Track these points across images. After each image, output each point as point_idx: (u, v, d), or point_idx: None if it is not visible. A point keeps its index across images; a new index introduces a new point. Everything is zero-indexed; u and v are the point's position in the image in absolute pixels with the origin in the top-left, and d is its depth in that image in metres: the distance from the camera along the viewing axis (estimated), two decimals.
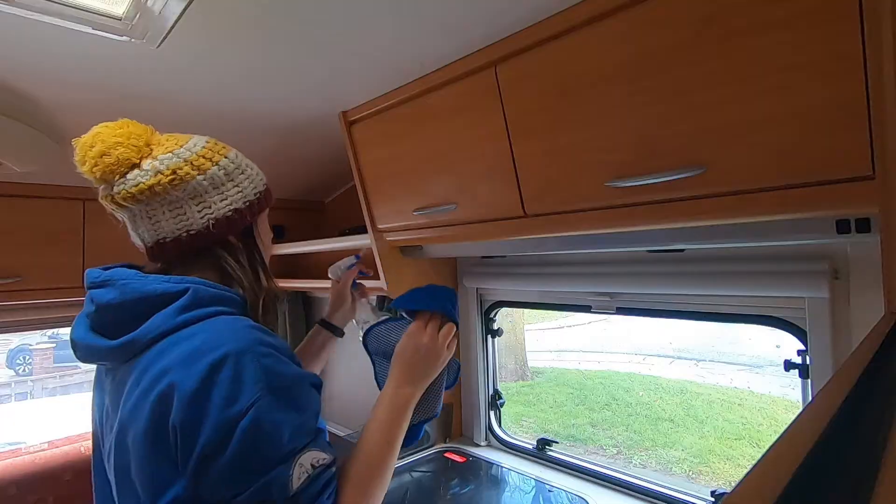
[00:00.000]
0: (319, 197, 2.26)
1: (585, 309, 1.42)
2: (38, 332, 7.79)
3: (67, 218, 1.59)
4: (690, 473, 3.97)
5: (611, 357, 6.51)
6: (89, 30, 0.84)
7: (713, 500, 1.17)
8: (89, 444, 1.79)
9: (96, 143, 0.65)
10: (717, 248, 1.11)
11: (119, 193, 0.66)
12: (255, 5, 0.82)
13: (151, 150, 0.68)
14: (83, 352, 0.66)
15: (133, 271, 0.68)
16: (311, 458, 0.58)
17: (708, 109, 0.76)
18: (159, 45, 0.91)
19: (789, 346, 1.06)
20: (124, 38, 0.87)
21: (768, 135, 0.71)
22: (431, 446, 1.70)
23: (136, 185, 0.66)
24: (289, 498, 0.55)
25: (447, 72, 1.09)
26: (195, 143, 0.71)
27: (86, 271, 0.68)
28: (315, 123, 1.43)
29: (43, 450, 1.73)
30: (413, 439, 0.83)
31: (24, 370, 8.21)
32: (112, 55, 0.95)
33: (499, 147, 1.05)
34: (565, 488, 1.37)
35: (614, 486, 1.36)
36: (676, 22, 0.76)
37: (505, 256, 1.57)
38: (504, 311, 1.75)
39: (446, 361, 0.83)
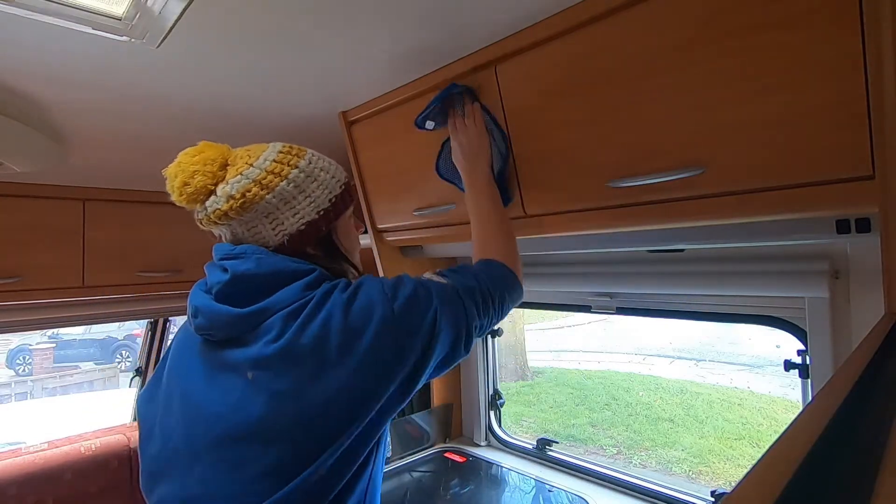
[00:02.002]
0: None
1: (585, 309, 1.42)
2: (38, 332, 7.80)
3: (67, 218, 1.59)
4: (690, 473, 3.97)
5: (611, 357, 6.52)
6: (89, 30, 0.84)
7: (713, 500, 1.17)
8: (89, 444, 1.79)
9: (179, 174, 0.71)
10: (717, 248, 1.11)
11: (203, 219, 0.73)
12: (255, 5, 0.82)
13: (226, 172, 0.72)
14: (206, 318, 0.68)
15: (263, 249, 0.71)
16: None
17: (708, 109, 0.76)
18: (159, 45, 0.91)
19: (789, 346, 1.06)
20: (124, 38, 0.87)
21: (768, 135, 0.71)
22: (431, 446, 1.70)
23: (214, 211, 0.70)
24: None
25: (447, 72, 1.08)
26: (265, 159, 0.73)
27: (215, 246, 0.74)
28: (315, 123, 1.43)
29: (43, 450, 1.73)
30: (506, 196, 1.02)
31: (24, 370, 8.21)
32: (112, 55, 0.95)
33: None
34: (565, 488, 1.37)
35: (614, 486, 1.36)
36: (676, 22, 0.76)
37: None
38: None
39: (483, 133, 1.00)
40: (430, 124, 1.07)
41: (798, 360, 1.04)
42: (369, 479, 0.70)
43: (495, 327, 1.72)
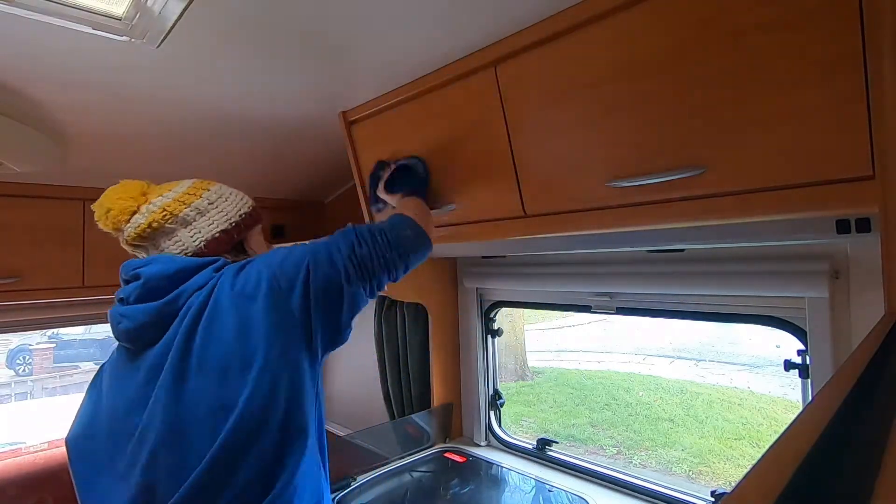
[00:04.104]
0: (319, 197, 2.26)
1: (585, 309, 1.42)
2: (38, 332, 7.79)
3: (67, 218, 1.59)
4: (690, 473, 3.97)
5: (611, 357, 6.51)
6: (89, 30, 0.84)
7: (713, 500, 1.17)
8: None
9: (104, 203, 0.82)
10: (717, 248, 1.11)
11: (128, 235, 0.82)
12: (256, 5, 0.83)
13: (147, 198, 0.84)
14: (131, 319, 0.76)
15: (170, 255, 0.82)
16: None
17: (708, 109, 0.76)
18: (159, 45, 0.91)
19: (789, 346, 1.06)
20: (124, 38, 0.87)
21: (768, 135, 0.71)
22: (431, 446, 1.70)
23: (138, 226, 0.82)
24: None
25: (447, 72, 1.08)
26: (182, 186, 0.87)
27: (123, 265, 0.82)
28: (315, 123, 1.43)
29: (43, 450, 1.73)
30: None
31: (24, 370, 8.20)
32: (112, 55, 0.95)
33: (499, 147, 1.05)
34: (565, 488, 1.37)
35: (614, 486, 1.36)
36: (676, 22, 0.76)
37: (505, 256, 1.57)
38: (504, 311, 1.75)
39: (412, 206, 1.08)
40: (379, 205, 1.29)
41: (798, 360, 1.04)
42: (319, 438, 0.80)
43: (495, 327, 1.72)
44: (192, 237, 0.84)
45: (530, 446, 1.60)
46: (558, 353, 7.08)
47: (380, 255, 0.86)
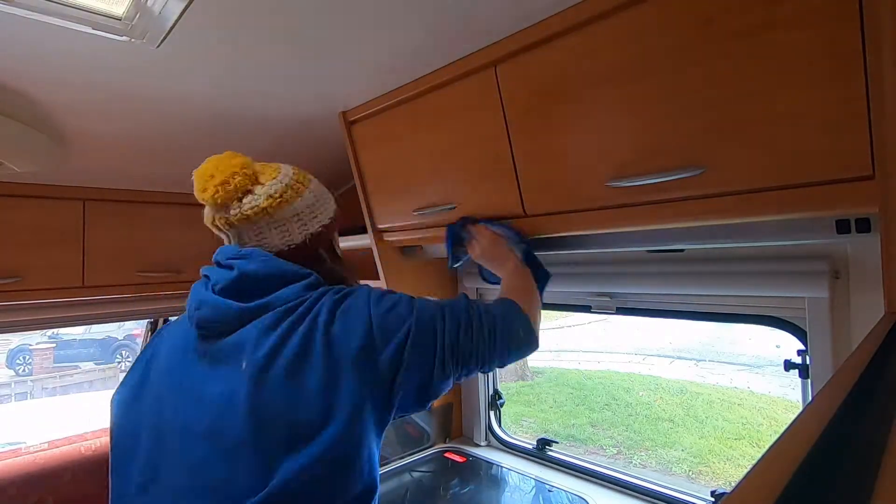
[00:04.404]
0: None
1: (585, 309, 1.42)
2: (38, 332, 7.79)
3: (67, 218, 1.59)
4: (690, 473, 3.97)
5: (611, 357, 6.51)
6: (89, 30, 0.84)
7: (713, 500, 1.17)
8: (89, 444, 1.79)
9: (216, 174, 0.76)
10: (717, 248, 1.11)
11: (235, 216, 0.77)
12: (255, 5, 0.82)
13: (258, 177, 0.79)
14: (211, 310, 0.72)
15: (268, 253, 0.78)
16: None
17: (708, 109, 0.76)
18: (159, 45, 0.91)
19: (789, 346, 1.06)
20: (124, 38, 0.87)
21: (768, 135, 0.71)
22: (431, 446, 1.70)
23: (252, 208, 0.77)
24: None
25: (447, 72, 1.09)
26: (287, 171, 0.83)
27: (221, 248, 0.79)
28: (315, 123, 1.43)
29: (43, 450, 1.73)
30: (542, 271, 1.04)
31: (23, 370, 8.20)
32: (112, 55, 0.95)
33: (499, 147, 1.05)
34: (565, 488, 1.37)
35: (614, 486, 1.36)
36: (676, 22, 0.76)
37: None
38: None
39: (494, 238, 1.08)
40: (460, 261, 1.19)
41: (798, 360, 1.03)
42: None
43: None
44: (300, 229, 0.80)
45: (530, 446, 1.60)
46: (558, 353, 7.08)
47: (482, 351, 0.78)
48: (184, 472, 0.67)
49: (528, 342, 0.86)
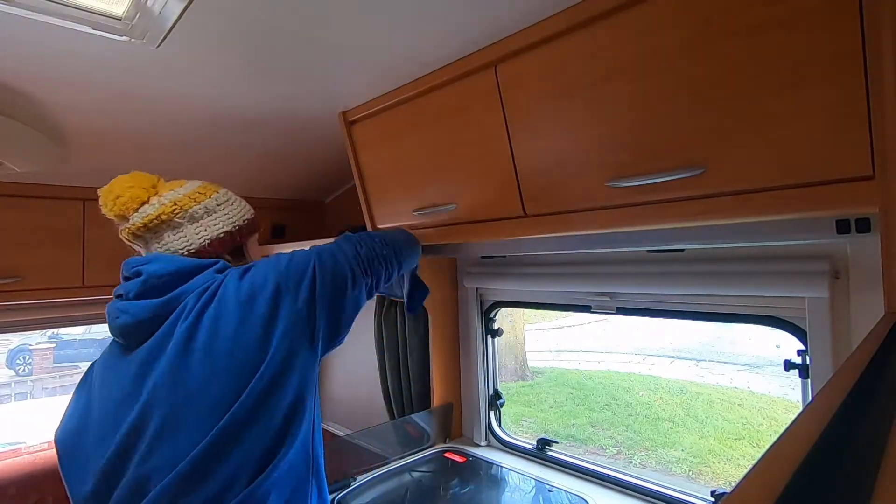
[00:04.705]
0: (319, 196, 2.26)
1: (585, 309, 1.42)
2: (38, 332, 7.78)
3: (67, 218, 1.59)
4: (690, 473, 3.97)
5: (611, 357, 6.51)
6: (89, 30, 0.84)
7: (713, 500, 1.17)
8: None
9: (114, 189, 0.84)
10: (717, 248, 1.11)
11: (134, 225, 0.84)
12: (255, 5, 0.82)
13: (157, 191, 0.86)
14: (130, 315, 0.77)
15: (168, 255, 0.84)
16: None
17: (708, 109, 0.76)
18: (159, 45, 0.91)
19: (789, 346, 1.06)
20: (124, 38, 0.87)
21: (768, 135, 0.71)
22: (431, 446, 1.70)
23: (146, 216, 0.84)
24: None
25: (447, 72, 1.08)
26: (191, 184, 0.90)
27: (124, 262, 0.83)
28: (315, 123, 1.43)
29: (43, 450, 1.73)
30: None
31: (23, 370, 8.20)
32: (112, 55, 0.95)
33: (499, 147, 1.05)
34: (565, 488, 1.37)
35: (614, 486, 1.36)
36: (676, 22, 0.76)
37: (505, 256, 1.57)
38: (504, 311, 1.75)
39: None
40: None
41: (798, 360, 1.03)
42: (311, 434, 0.81)
43: (495, 327, 1.72)
44: (197, 234, 0.87)
45: (530, 446, 1.60)
46: (558, 353, 7.08)
47: (378, 253, 0.96)
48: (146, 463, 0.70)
49: (413, 240, 1.14)
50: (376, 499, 1.41)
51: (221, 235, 0.89)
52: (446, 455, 1.65)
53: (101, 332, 8.67)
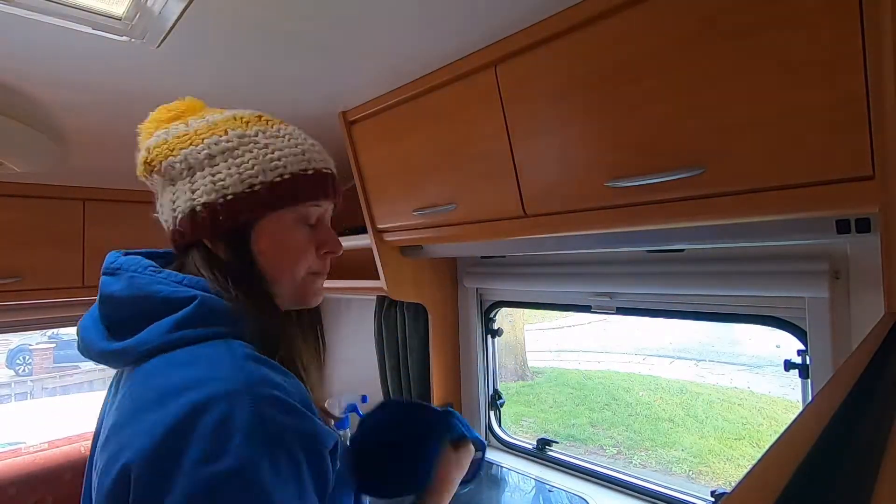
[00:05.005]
0: None
1: (585, 309, 1.42)
2: (38, 332, 7.79)
3: (67, 218, 1.59)
4: (690, 473, 3.97)
5: (611, 357, 6.51)
6: (89, 30, 0.84)
7: (713, 500, 1.17)
8: (89, 444, 1.79)
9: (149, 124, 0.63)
10: (717, 248, 1.11)
11: (146, 158, 0.61)
12: (255, 5, 0.82)
13: (180, 121, 0.63)
14: (82, 346, 0.57)
15: (148, 262, 0.57)
16: None
17: (708, 109, 0.75)
18: (159, 45, 0.91)
19: (789, 346, 1.06)
20: (124, 38, 0.87)
21: (768, 135, 0.71)
22: None
23: (138, 164, 0.62)
24: None
25: (447, 72, 1.08)
26: (225, 113, 0.63)
27: (108, 253, 0.61)
28: (315, 123, 1.43)
29: (43, 450, 1.73)
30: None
31: (23, 370, 8.21)
32: (112, 55, 0.95)
33: (499, 147, 1.05)
34: (565, 488, 1.37)
35: (614, 486, 1.35)
36: (676, 22, 0.76)
37: (505, 256, 1.57)
38: (504, 311, 1.75)
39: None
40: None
41: (798, 360, 1.03)
42: None
43: (495, 327, 1.72)
44: (173, 203, 0.59)
45: (530, 446, 1.60)
46: (558, 353, 7.07)
47: None
48: None
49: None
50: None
51: (200, 209, 0.56)
52: None
53: None
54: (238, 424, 0.42)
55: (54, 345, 8.42)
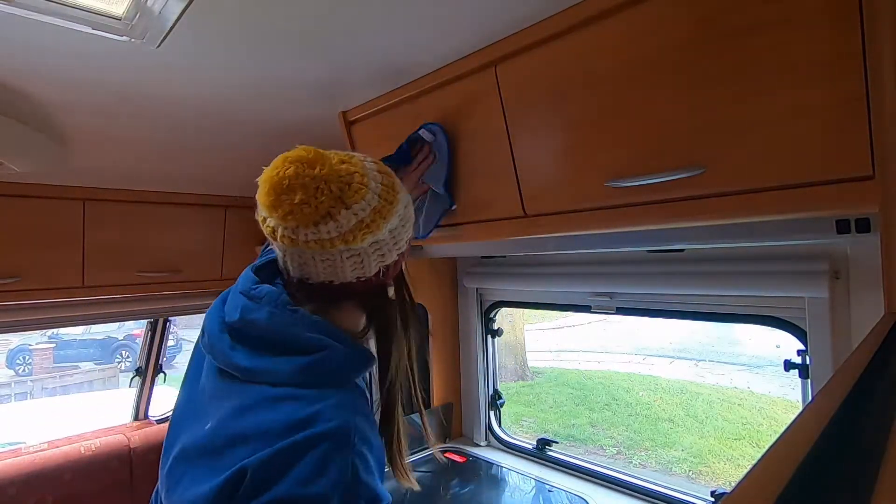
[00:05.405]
0: None
1: (585, 309, 1.42)
2: (38, 332, 7.79)
3: (67, 218, 1.59)
4: (690, 473, 3.97)
5: (611, 357, 6.52)
6: (89, 30, 0.84)
7: (713, 500, 1.17)
8: (89, 444, 1.79)
9: (297, 190, 0.59)
10: (717, 248, 1.11)
11: (308, 242, 0.61)
12: (255, 5, 0.82)
13: (343, 195, 0.61)
14: (208, 346, 0.67)
15: (285, 298, 0.64)
16: None
17: (708, 109, 0.75)
18: (159, 45, 0.91)
19: (789, 346, 1.06)
20: (124, 38, 0.87)
21: (768, 135, 0.71)
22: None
23: (330, 238, 0.61)
24: None
25: (447, 72, 1.08)
26: (374, 182, 0.63)
27: (245, 271, 0.69)
28: (315, 123, 1.43)
29: (43, 450, 1.73)
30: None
31: (23, 370, 8.19)
32: (112, 55, 0.95)
33: (499, 147, 1.05)
34: (565, 488, 1.37)
35: (614, 486, 1.36)
36: (676, 22, 0.76)
37: (505, 256, 1.57)
38: (504, 311, 1.75)
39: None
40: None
41: (798, 360, 1.04)
42: None
43: (495, 327, 1.72)
44: (375, 262, 0.65)
45: (530, 446, 1.60)
46: (558, 353, 7.08)
47: None
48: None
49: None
50: None
51: (396, 258, 0.68)
52: (446, 455, 1.64)
53: (101, 332, 8.68)
54: (334, 466, 0.55)
55: (54, 345, 8.41)
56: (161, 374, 2.16)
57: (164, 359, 2.17)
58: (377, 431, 0.64)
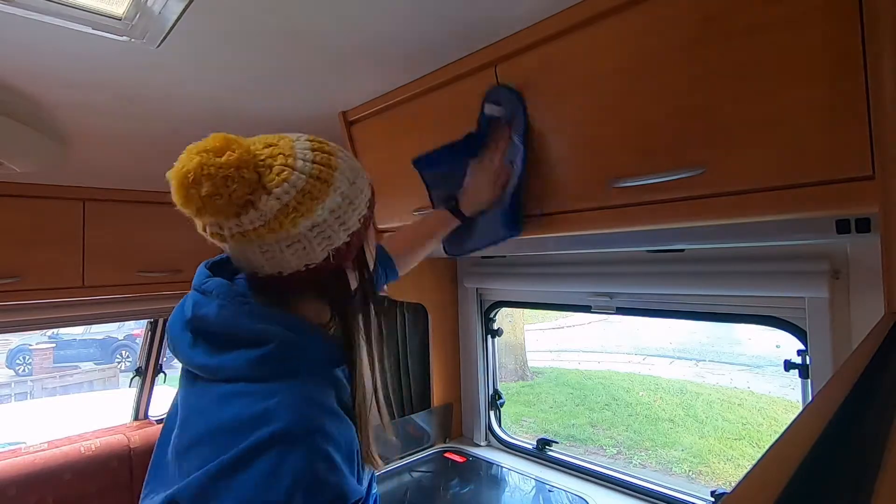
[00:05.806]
0: None
1: (585, 309, 1.42)
2: (38, 332, 7.79)
3: (67, 218, 1.59)
4: (690, 473, 3.97)
5: (611, 357, 6.52)
6: (89, 30, 0.84)
7: (713, 500, 1.17)
8: (89, 444, 1.79)
9: (203, 181, 0.54)
10: (717, 248, 1.11)
11: (230, 233, 0.57)
12: (255, 5, 0.82)
13: (262, 178, 0.56)
14: (171, 346, 0.64)
15: (235, 290, 0.61)
16: None
17: (708, 109, 0.75)
18: (159, 45, 0.91)
19: (789, 346, 1.06)
20: (124, 38, 0.87)
21: (768, 135, 0.71)
22: (431, 446, 1.70)
23: (255, 229, 0.56)
24: None
25: (447, 72, 1.08)
26: (303, 161, 0.58)
27: (201, 264, 0.67)
28: (315, 123, 1.43)
29: (43, 450, 1.73)
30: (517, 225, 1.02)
31: (23, 370, 8.20)
32: (112, 55, 0.95)
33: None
34: (565, 488, 1.37)
35: (614, 486, 1.36)
36: (676, 22, 0.76)
37: (505, 256, 1.57)
38: (504, 311, 1.75)
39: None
40: (494, 109, 0.99)
41: (798, 360, 1.04)
42: None
43: (495, 327, 1.72)
44: (320, 246, 0.59)
45: (530, 446, 1.60)
46: (558, 353, 7.08)
47: None
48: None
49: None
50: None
51: (348, 240, 0.62)
52: (446, 455, 1.65)
53: (101, 331, 8.68)
54: (289, 469, 0.50)
55: (54, 345, 8.41)
56: (161, 374, 2.17)
57: (164, 359, 2.17)
58: (345, 421, 0.58)
